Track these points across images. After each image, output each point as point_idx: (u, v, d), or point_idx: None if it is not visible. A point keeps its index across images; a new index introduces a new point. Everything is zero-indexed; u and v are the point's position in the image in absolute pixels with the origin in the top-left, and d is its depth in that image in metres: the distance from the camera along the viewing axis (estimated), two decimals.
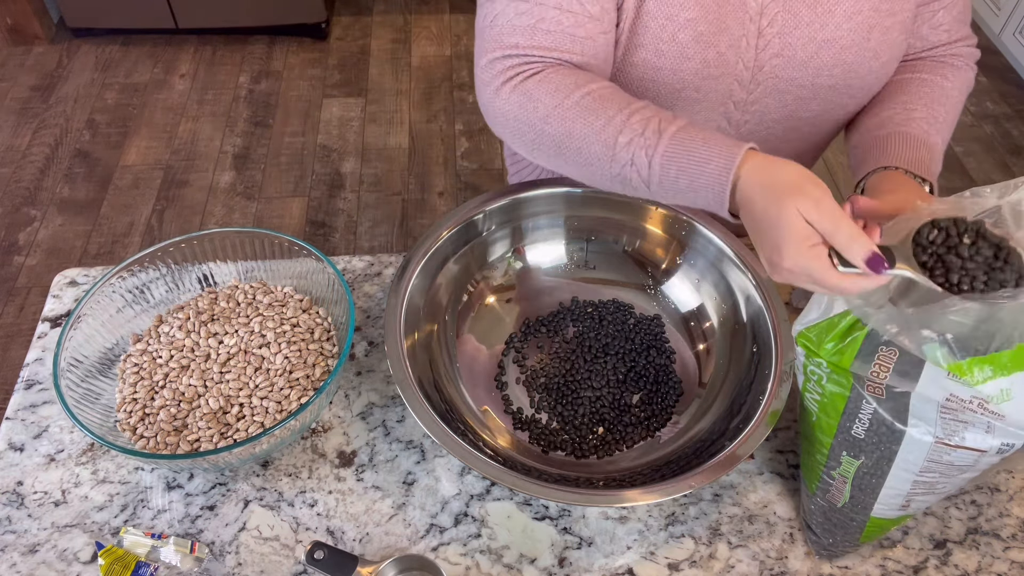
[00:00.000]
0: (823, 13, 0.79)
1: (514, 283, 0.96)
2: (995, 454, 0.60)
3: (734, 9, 0.78)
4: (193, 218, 2.25)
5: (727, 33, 0.79)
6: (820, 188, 0.60)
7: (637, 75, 0.81)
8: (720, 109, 0.85)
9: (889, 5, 0.81)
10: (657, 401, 0.86)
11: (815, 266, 0.59)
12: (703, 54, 0.79)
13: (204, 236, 0.88)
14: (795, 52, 0.81)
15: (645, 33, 0.78)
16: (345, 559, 0.71)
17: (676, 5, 0.77)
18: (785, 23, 0.79)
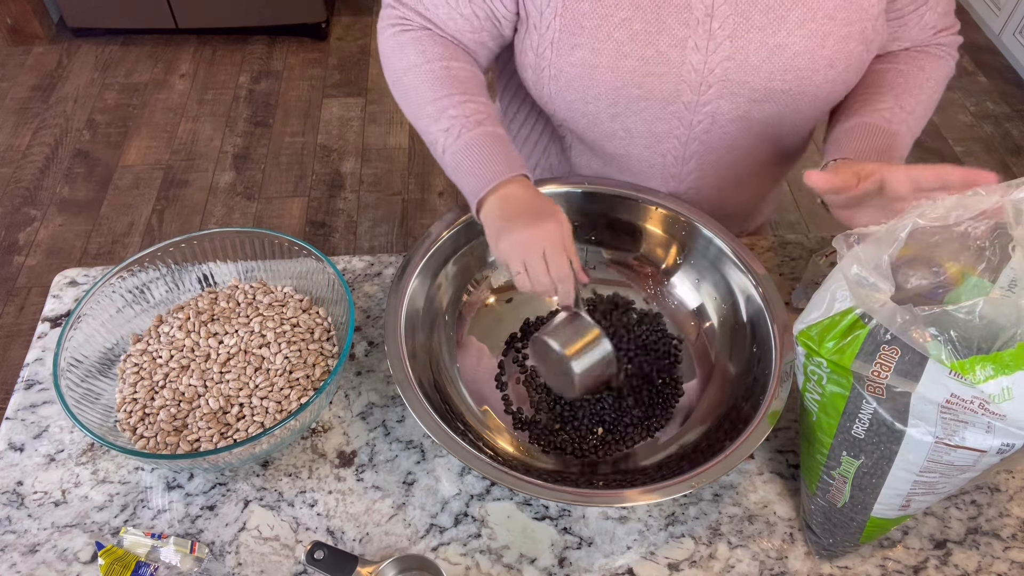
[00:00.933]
0: (775, 18, 0.79)
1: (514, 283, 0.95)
2: (995, 454, 0.60)
3: (676, 9, 0.80)
4: (193, 218, 2.25)
5: (667, 32, 0.81)
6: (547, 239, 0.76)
7: (575, 74, 0.85)
8: (669, 109, 0.87)
9: (845, 15, 0.80)
10: (657, 401, 0.86)
11: (567, 240, 0.77)
12: (640, 52, 0.82)
13: (204, 236, 0.88)
14: (747, 56, 0.81)
15: (581, 33, 0.82)
16: (345, 559, 0.71)
17: (610, 5, 0.80)
18: (737, 26, 0.80)
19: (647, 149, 0.92)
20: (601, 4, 0.80)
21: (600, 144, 0.94)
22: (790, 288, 0.97)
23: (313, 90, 2.67)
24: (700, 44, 0.81)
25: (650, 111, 0.87)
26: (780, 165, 1.02)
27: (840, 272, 0.63)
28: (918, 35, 0.90)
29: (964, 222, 0.62)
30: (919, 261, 0.64)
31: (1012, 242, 0.58)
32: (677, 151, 0.91)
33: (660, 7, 0.79)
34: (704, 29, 0.80)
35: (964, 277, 0.61)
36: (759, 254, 1.01)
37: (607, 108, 0.87)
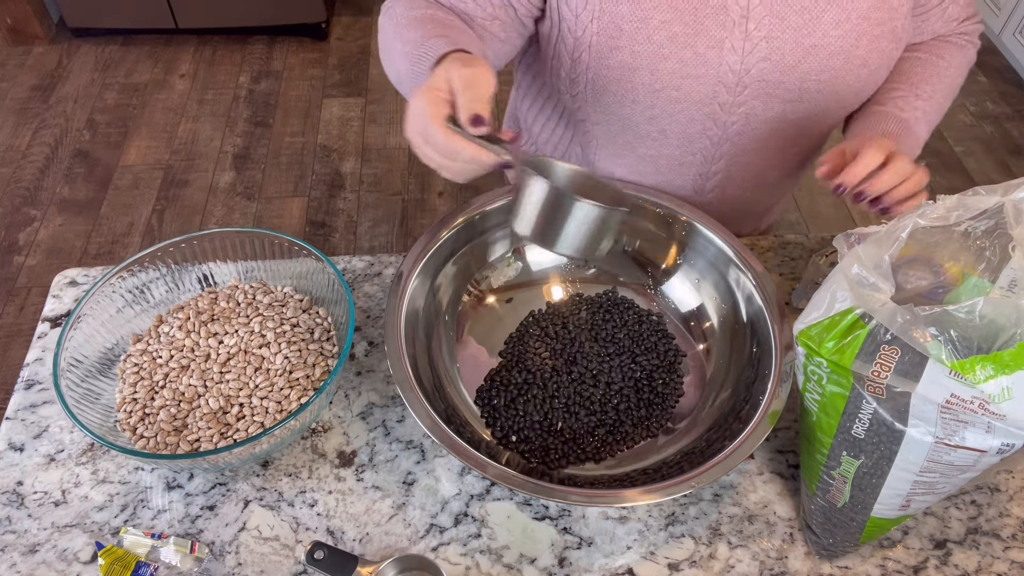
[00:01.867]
0: (811, 19, 0.80)
1: (514, 283, 0.96)
2: (995, 454, 0.60)
3: (713, 11, 0.80)
4: (193, 218, 2.25)
5: (705, 35, 0.81)
6: (480, 64, 0.64)
7: (613, 77, 0.85)
8: (705, 110, 0.87)
9: (879, 15, 0.81)
10: (657, 401, 0.86)
11: (430, 110, 0.62)
12: (679, 54, 0.82)
13: (204, 236, 0.88)
14: (782, 56, 0.82)
15: (620, 36, 0.82)
16: (345, 559, 0.71)
17: (649, 8, 0.80)
18: (772, 27, 0.80)
19: (679, 149, 0.93)
20: (640, 7, 0.80)
21: (632, 145, 0.95)
22: (790, 288, 0.97)
23: (313, 90, 2.67)
24: (737, 45, 0.81)
25: (686, 112, 0.87)
26: (802, 166, 1.03)
27: (840, 272, 0.63)
28: (941, 28, 0.92)
29: (964, 222, 0.62)
30: (919, 261, 0.64)
31: (1012, 242, 0.58)
32: (708, 151, 0.92)
33: (697, 9, 0.80)
34: (740, 31, 0.80)
35: (964, 277, 0.62)
36: (759, 254, 1.01)
37: (644, 111, 0.88)
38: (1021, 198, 0.60)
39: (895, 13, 0.83)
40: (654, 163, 0.95)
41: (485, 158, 0.62)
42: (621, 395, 0.85)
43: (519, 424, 0.82)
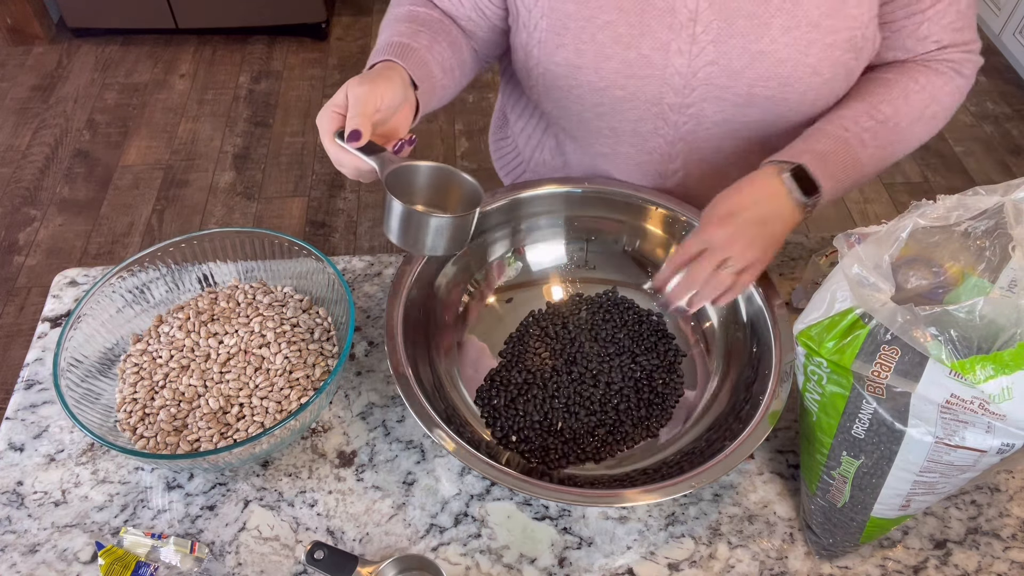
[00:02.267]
0: (759, 25, 0.79)
1: (514, 283, 0.96)
2: (995, 454, 0.60)
3: (660, 14, 0.80)
4: (193, 218, 2.25)
5: (651, 36, 0.81)
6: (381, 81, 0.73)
7: (560, 73, 0.86)
8: (653, 110, 0.87)
9: (831, 23, 0.79)
10: (657, 401, 0.86)
11: (323, 125, 0.73)
12: (623, 55, 0.82)
13: (204, 236, 0.88)
14: (730, 61, 0.81)
15: (565, 33, 0.82)
16: (345, 559, 0.71)
17: (594, 7, 0.81)
18: (720, 31, 0.80)
19: (633, 147, 0.93)
20: (586, 6, 0.81)
21: (588, 141, 0.95)
22: (790, 288, 0.97)
23: (313, 90, 2.67)
24: (683, 48, 0.81)
25: (635, 111, 0.87)
26: None
27: (841, 272, 0.63)
28: (915, 46, 0.86)
29: (964, 222, 0.62)
30: (919, 261, 0.64)
31: (1012, 242, 0.58)
32: (663, 150, 0.92)
33: (644, 11, 0.80)
34: (688, 33, 0.80)
35: (964, 277, 0.62)
36: None
37: (592, 107, 0.88)
38: (1021, 198, 0.60)
39: (853, 23, 0.80)
40: (612, 160, 0.96)
41: (363, 166, 0.73)
42: (621, 395, 0.85)
43: (519, 424, 0.82)
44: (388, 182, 0.71)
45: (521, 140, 1.09)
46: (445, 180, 0.77)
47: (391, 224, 0.73)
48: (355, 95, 0.72)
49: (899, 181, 2.37)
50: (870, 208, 2.30)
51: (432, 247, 0.74)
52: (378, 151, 0.72)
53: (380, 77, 0.74)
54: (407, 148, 0.76)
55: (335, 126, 0.72)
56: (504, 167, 1.16)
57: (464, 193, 0.77)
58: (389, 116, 0.75)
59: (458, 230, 0.73)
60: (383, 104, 0.73)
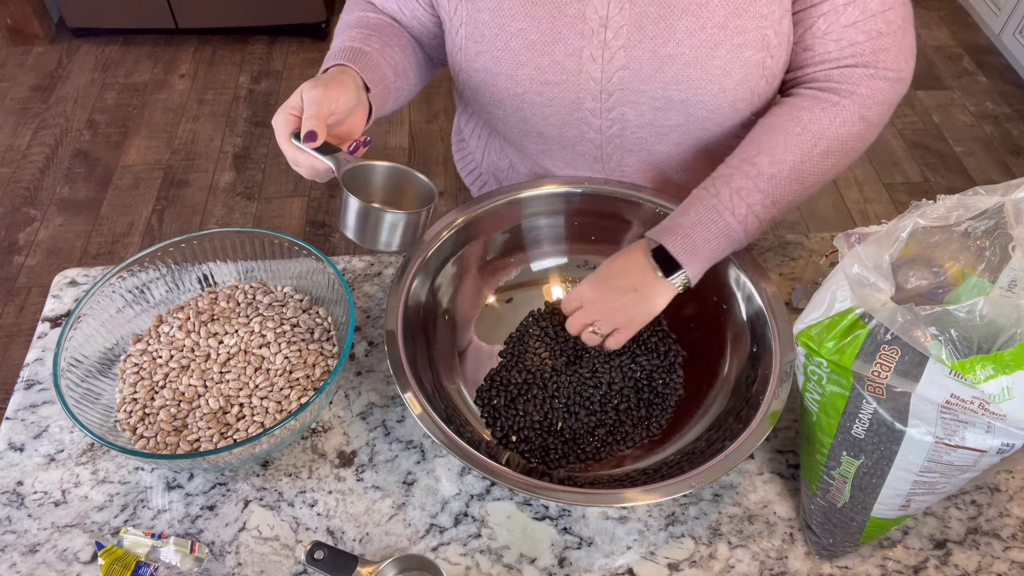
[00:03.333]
0: (665, 28, 0.79)
1: (514, 283, 0.96)
2: (995, 454, 0.60)
3: (571, 20, 0.80)
4: (193, 218, 2.25)
5: (563, 43, 0.81)
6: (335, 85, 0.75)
7: (480, 79, 0.87)
8: (575, 115, 0.88)
9: (738, 23, 0.78)
10: (657, 401, 0.86)
11: (279, 127, 0.75)
12: (536, 61, 0.83)
13: (204, 236, 0.88)
14: (641, 66, 0.81)
15: (482, 41, 0.84)
16: (345, 559, 0.71)
17: (507, 15, 0.81)
18: (630, 36, 0.80)
19: (564, 150, 0.93)
20: (499, 14, 0.81)
21: (522, 144, 0.96)
22: (790, 288, 0.97)
23: None
24: (596, 54, 0.81)
25: (556, 117, 0.88)
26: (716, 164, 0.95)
27: (841, 272, 0.63)
28: (814, 43, 0.81)
29: (964, 222, 0.62)
30: (919, 261, 0.64)
31: (1012, 242, 0.58)
32: (594, 152, 0.93)
33: (555, 18, 0.80)
34: (599, 39, 0.80)
35: (964, 277, 0.61)
36: (759, 254, 1.01)
37: (513, 113, 0.89)
38: (1021, 198, 0.60)
39: (763, 21, 0.78)
40: (549, 160, 0.96)
41: (319, 166, 0.75)
42: (621, 395, 0.85)
43: (519, 424, 0.82)
44: (345, 180, 0.74)
45: (472, 142, 1.11)
46: (400, 179, 0.80)
47: (347, 220, 0.76)
48: (310, 97, 0.74)
49: (899, 181, 2.37)
50: (870, 208, 2.30)
51: (386, 242, 0.76)
52: (334, 151, 0.75)
53: (333, 81, 0.76)
54: (362, 149, 0.79)
55: (291, 127, 0.75)
56: (464, 168, 1.17)
57: (418, 192, 0.80)
58: (343, 119, 0.77)
59: (411, 226, 0.76)
60: (337, 107, 0.75)
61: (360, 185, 0.77)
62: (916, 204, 0.63)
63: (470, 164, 1.15)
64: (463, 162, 1.17)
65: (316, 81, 0.76)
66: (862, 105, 0.81)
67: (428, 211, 0.77)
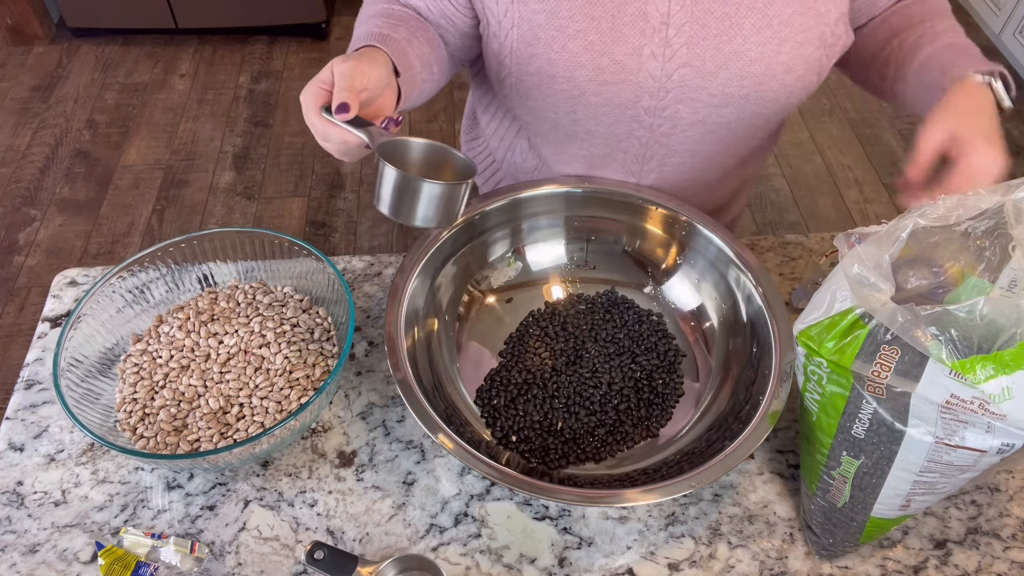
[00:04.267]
0: (731, 25, 0.80)
1: (514, 283, 0.96)
2: (995, 454, 0.60)
3: (632, 19, 0.80)
4: (193, 218, 2.25)
5: (623, 42, 0.81)
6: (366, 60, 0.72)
7: (535, 83, 0.86)
8: (628, 113, 0.87)
9: (802, 21, 0.80)
10: (657, 401, 0.86)
11: (307, 100, 0.72)
12: (596, 62, 0.82)
13: (204, 236, 0.88)
14: (703, 62, 0.82)
15: (537, 44, 0.83)
16: (345, 559, 0.71)
17: (565, 18, 0.80)
18: (693, 34, 0.80)
19: (608, 148, 0.93)
20: (556, 16, 0.81)
21: (562, 145, 0.96)
22: (790, 288, 0.97)
23: None
24: (656, 52, 0.81)
25: (610, 115, 0.88)
26: (743, 166, 1.01)
27: (841, 272, 0.63)
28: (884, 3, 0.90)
29: (964, 222, 0.62)
30: (919, 261, 0.64)
31: (1012, 242, 0.58)
32: (638, 151, 0.92)
33: (615, 17, 0.80)
34: (660, 37, 0.80)
35: (964, 277, 0.61)
36: (759, 254, 1.01)
37: (566, 114, 0.89)
38: (1021, 198, 0.60)
39: (821, 19, 0.81)
40: (587, 161, 0.96)
41: (351, 139, 0.71)
42: (621, 395, 0.85)
43: (519, 424, 0.82)
44: (382, 152, 0.70)
45: (493, 142, 1.10)
46: (438, 157, 0.75)
47: (383, 193, 0.71)
48: (341, 71, 0.71)
49: None
50: (870, 208, 2.30)
51: (423, 217, 0.72)
52: (366, 125, 0.71)
53: (365, 56, 0.73)
54: (394, 127, 0.75)
55: (320, 101, 0.71)
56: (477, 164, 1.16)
57: (456, 169, 0.75)
58: (374, 96, 0.74)
59: (450, 200, 0.72)
60: (369, 82, 0.72)
61: (395, 162, 0.71)
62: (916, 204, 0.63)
63: (485, 162, 1.14)
64: (475, 159, 1.15)
65: (347, 56, 0.73)
66: None
67: (468, 186, 0.72)
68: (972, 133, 0.73)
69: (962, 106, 0.75)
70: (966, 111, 0.75)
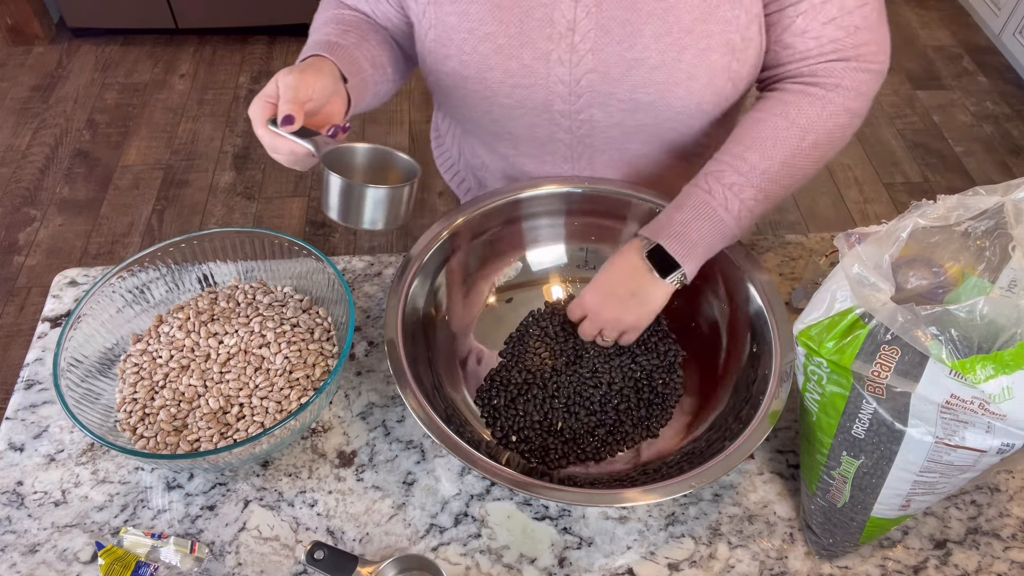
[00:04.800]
0: (632, 32, 0.79)
1: (514, 283, 0.96)
2: (995, 454, 0.60)
3: (539, 24, 0.80)
4: (193, 218, 2.25)
5: (531, 47, 0.81)
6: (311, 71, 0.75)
7: (451, 82, 0.87)
8: (544, 116, 0.88)
9: (704, 27, 0.79)
10: (657, 401, 0.86)
11: (255, 114, 0.74)
12: (505, 65, 0.83)
13: (204, 236, 0.88)
14: (608, 69, 0.82)
15: (450, 45, 0.84)
16: (345, 559, 0.71)
17: (475, 19, 0.81)
18: (597, 40, 0.80)
19: (536, 149, 0.94)
20: (467, 18, 0.81)
21: (492, 145, 0.97)
22: (790, 288, 0.97)
23: None
24: (564, 57, 0.82)
25: (526, 118, 0.88)
26: (687, 161, 0.97)
27: (841, 272, 0.63)
28: (794, 42, 0.81)
29: (964, 222, 0.62)
30: (919, 261, 0.64)
31: (1012, 242, 0.58)
32: (564, 152, 0.93)
33: (523, 21, 0.80)
34: (567, 43, 0.81)
35: (964, 277, 0.61)
36: (759, 254, 1.01)
37: (484, 115, 0.90)
38: (1021, 198, 0.60)
39: (727, 26, 0.79)
40: (519, 161, 0.97)
41: (298, 150, 0.74)
42: (621, 395, 0.85)
43: (519, 424, 0.82)
44: (325, 161, 0.73)
45: (448, 139, 1.12)
46: (382, 160, 0.78)
47: (330, 200, 0.74)
48: (285, 83, 0.73)
49: (899, 181, 2.37)
50: (870, 208, 2.30)
51: (372, 220, 0.75)
52: (312, 135, 0.74)
53: (309, 67, 0.76)
54: (341, 134, 0.78)
55: (267, 114, 0.74)
56: (443, 165, 1.18)
57: (402, 171, 0.78)
58: (320, 106, 0.77)
59: (394, 202, 0.74)
60: (314, 93, 0.75)
61: (342, 168, 0.75)
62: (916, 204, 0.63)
63: (448, 161, 1.15)
64: (441, 159, 1.17)
65: (291, 68, 0.75)
66: (847, 97, 0.82)
67: (412, 186, 0.75)
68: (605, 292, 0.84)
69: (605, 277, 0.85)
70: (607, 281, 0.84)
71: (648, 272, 0.81)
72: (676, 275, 0.81)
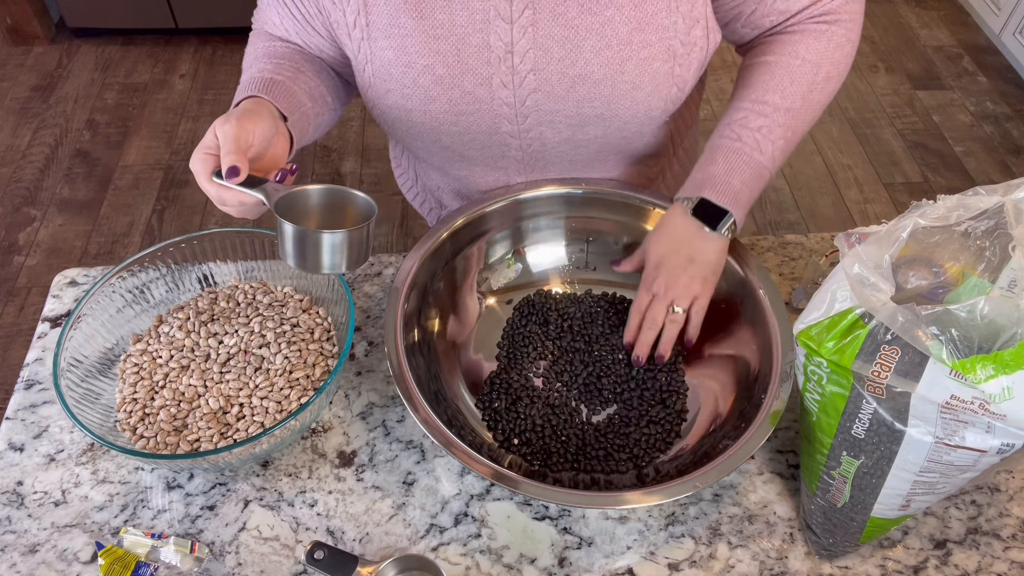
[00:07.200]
0: (572, 49, 0.79)
1: (514, 284, 0.96)
2: (995, 454, 0.60)
3: (476, 50, 0.80)
4: (193, 218, 2.25)
5: (471, 73, 0.81)
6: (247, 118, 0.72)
7: (394, 115, 0.86)
8: (494, 139, 0.88)
9: (642, 37, 0.79)
10: (658, 402, 0.85)
11: (197, 168, 0.72)
12: (448, 95, 0.82)
13: (204, 236, 0.88)
14: (552, 87, 0.82)
15: (390, 79, 0.83)
16: (345, 559, 0.72)
17: (412, 54, 0.80)
18: (537, 60, 0.80)
19: (488, 168, 0.94)
20: (403, 52, 0.80)
21: (445, 168, 0.97)
22: (790, 288, 0.97)
23: None
24: (506, 80, 0.81)
25: (476, 141, 0.88)
26: (642, 163, 0.99)
27: (841, 272, 0.63)
28: (777, 19, 0.84)
29: (964, 222, 0.62)
30: (919, 261, 0.64)
31: (1012, 242, 0.58)
32: (518, 167, 0.93)
33: (460, 50, 0.80)
34: (507, 66, 0.80)
35: (964, 277, 0.62)
36: (759, 254, 1.01)
37: (432, 143, 0.89)
38: (1021, 198, 0.60)
39: (666, 32, 0.79)
40: (473, 180, 0.97)
41: (247, 200, 0.72)
42: (621, 396, 0.85)
43: (520, 427, 0.82)
44: (279, 209, 0.71)
45: (404, 162, 1.12)
46: (337, 199, 0.75)
47: (287, 248, 0.72)
48: (224, 133, 0.71)
49: (899, 181, 2.37)
50: (870, 208, 2.30)
51: (332, 265, 0.72)
52: (260, 183, 0.72)
53: (246, 113, 0.73)
54: (290, 177, 0.75)
55: (210, 167, 0.71)
56: (404, 186, 1.18)
57: (358, 209, 0.75)
58: (263, 150, 0.75)
59: (353, 244, 0.72)
60: (254, 139, 0.72)
61: (297, 213, 0.73)
62: (916, 204, 0.63)
63: (407, 183, 1.16)
64: (402, 179, 1.17)
65: (227, 116, 0.72)
66: (848, 28, 0.85)
67: (369, 226, 0.72)
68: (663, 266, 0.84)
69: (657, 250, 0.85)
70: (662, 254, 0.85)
71: (699, 230, 0.82)
72: (727, 223, 0.81)
